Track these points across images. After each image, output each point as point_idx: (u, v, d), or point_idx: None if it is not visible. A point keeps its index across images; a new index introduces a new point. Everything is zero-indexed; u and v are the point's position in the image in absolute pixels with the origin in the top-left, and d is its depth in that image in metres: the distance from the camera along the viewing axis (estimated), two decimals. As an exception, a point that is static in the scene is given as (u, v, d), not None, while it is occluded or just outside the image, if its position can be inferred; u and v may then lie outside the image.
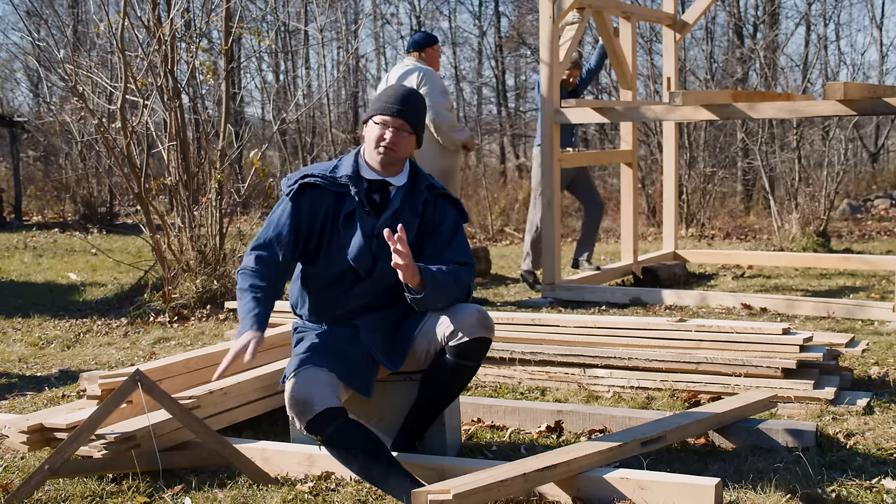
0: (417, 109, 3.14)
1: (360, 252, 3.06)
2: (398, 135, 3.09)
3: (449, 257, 3.11)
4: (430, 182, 3.20)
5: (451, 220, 3.19)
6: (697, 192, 12.46)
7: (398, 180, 3.15)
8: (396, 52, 32.42)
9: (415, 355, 3.12)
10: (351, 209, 3.08)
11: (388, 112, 3.09)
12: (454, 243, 3.15)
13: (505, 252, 9.95)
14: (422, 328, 3.09)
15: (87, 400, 3.43)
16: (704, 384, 3.90)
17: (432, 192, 3.19)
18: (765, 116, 6.01)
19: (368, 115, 3.16)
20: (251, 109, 20.86)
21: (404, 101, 3.11)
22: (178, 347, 5.36)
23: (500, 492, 2.65)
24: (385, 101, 3.12)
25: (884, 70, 18.52)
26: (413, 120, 3.11)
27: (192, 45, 7.17)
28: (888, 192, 15.51)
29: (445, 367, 3.02)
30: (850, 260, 7.43)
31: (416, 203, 3.14)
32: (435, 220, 3.16)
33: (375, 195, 3.13)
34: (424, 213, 3.15)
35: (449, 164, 6.65)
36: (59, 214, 15.88)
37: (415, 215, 3.12)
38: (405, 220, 3.09)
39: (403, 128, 3.09)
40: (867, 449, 3.26)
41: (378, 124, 3.10)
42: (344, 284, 3.12)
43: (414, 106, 3.13)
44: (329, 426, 2.82)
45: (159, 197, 10.37)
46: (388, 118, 3.09)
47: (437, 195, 3.20)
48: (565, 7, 6.43)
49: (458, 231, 3.19)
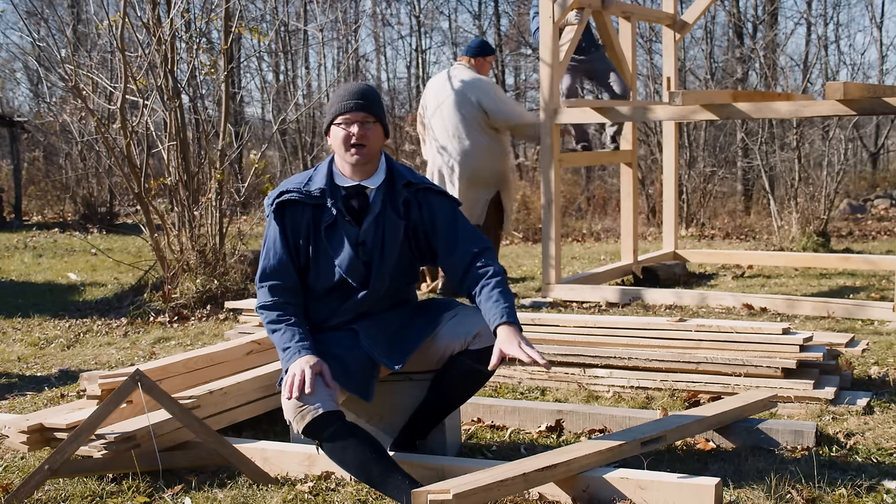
0: (375, 98, 3.05)
1: (350, 263, 3.02)
2: (364, 127, 3.00)
3: (466, 248, 3.04)
4: (407, 180, 3.09)
5: (445, 210, 3.10)
6: (697, 192, 12.46)
7: (374, 181, 3.07)
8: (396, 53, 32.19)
9: (430, 355, 3.09)
10: (331, 220, 3.02)
11: (346, 109, 3.01)
12: (461, 232, 3.08)
13: (505, 252, 9.95)
14: (439, 331, 3.06)
15: (87, 400, 3.43)
16: (704, 384, 3.89)
17: (412, 189, 3.09)
18: (765, 116, 6.01)
19: (328, 122, 3.06)
20: (251, 109, 20.89)
21: (359, 95, 3.03)
22: (178, 347, 5.36)
23: (500, 492, 2.65)
24: (340, 101, 3.03)
25: (884, 70, 18.53)
26: (374, 109, 3.03)
27: (192, 46, 7.17)
28: (888, 192, 15.52)
29: (460, 370, 3.00)
30: (850, 260, 7.43)
31: (396, 204, 3.07)
32: (425, 218, 3.09)
33: (353, 202, 3.06)
34: (409, 214, 3.08)
35: (503, 168, 6.71)
36: (59, 214, 15.89)
37: (398, 217, 3.06)
38: (388, 222, 3.04)
39: (367, 119, 3.01)
40: (867, 449, 3.26)
41: (340, 125, 3.01)
42: (339, 296, 3.08)
43: (371, 96, 3.04)
44: (326, 430, 2.81)
45: (159, 197, 10.37)
46: (348, 115, 3.01)
47: (418, 191, 3.10)
48: (565, 7, 6.43)
49: (458, 218, 3.11)
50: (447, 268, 3.09)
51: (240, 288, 6.63)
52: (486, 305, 2.92)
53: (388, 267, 3.07)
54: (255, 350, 3.84)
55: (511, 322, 2.85)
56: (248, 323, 4.76)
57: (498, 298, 2.91)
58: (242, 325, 4.79)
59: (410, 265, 3.17)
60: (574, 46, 6.76)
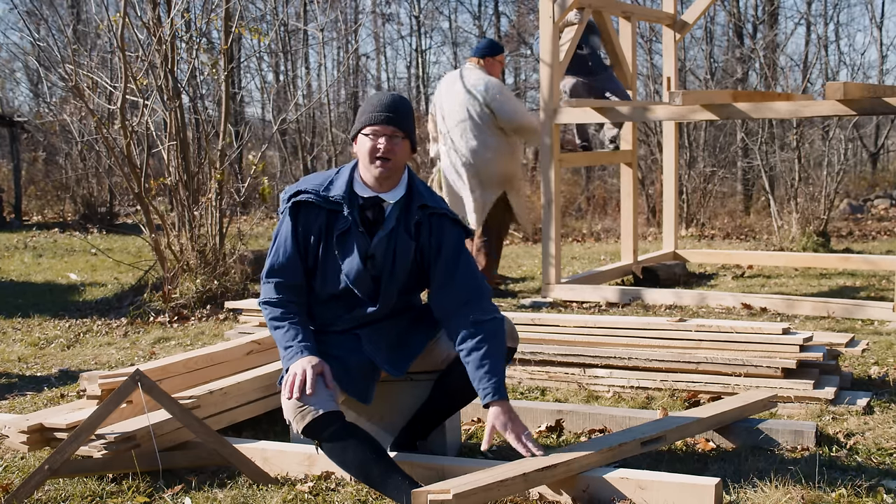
0: (407, 113, 3.02)
1: (357, 274, 3.00)
2: (392, 141, 2.97)
3: (461, 281, 3.00)
4: (424, 202, 3.04)
5: (452, 240, 3.05)
6: (697, 192, 12.46)
7: (394, 195, 3.03)
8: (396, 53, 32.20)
9: (434, 357, 3.10)
10: (345, 228, 3.00)
11: (377, 121, 2.96)
12: (460, 265, 3.03)
13: (505, 252, 9.93)
14: (442, 334, 3.07)
15: (87, 400, 3.43)
16: (704, 384, 3.89)
17: (426, 212, 3.04)
18: (765, 116, 6.01)
19: (356, 129, 3.02)
20: (251, 109, 20.89)
21: (391, 108, 2.98)
22: (178, 347, 5.36)
23: (500, 492, 2.65)
24: (371, 111, 2.99)
25: (884, 70, 18.53)
26: (404, 125, 2.99)
27: (192, 46, 7.17)
28: (888, 192, 15.52)
29: (464, 373, 2.98)
30: (850, 260, 7.43)
31: (409, 224, 3.03)
32: (433, 244, 3.03)
33: (369, 212, 3.03)
34: (419, 236, 3.04)
35: (511, 169, 6.69)
36: (59, 214, 15.89)
37: (409, 237, 3.03)
38: (400, 240, 3.01)
39: (396, 134, 2.97)
40: (867, 449, 3.26)
41: (368, 136, 2.97)
42: (344, 304, 3.06)
43: (402, 110, 3.00)
44: (326, 430, 2.81)
45: (159, 197, 10.37)
46: (377, 127, 2.96)
47: (432, 215, 3.04)
48: (565, 7, 6.43)
49: (462, 251, 3.06)
50: (436, 300, 3.04)
51: (240, 288, 6.64)
52: (476, 374, 2.88)
53: (397, 285, 3.06)
54: (255, 350, 3.85)
55: (502, 399, 2.85)
56: (248, 323, 4.76)
57: (489, 370, 2.87)
58: (242, 325, 4.79)
59: (418, 283, 3.14)
60: (574, 46, 6.76)
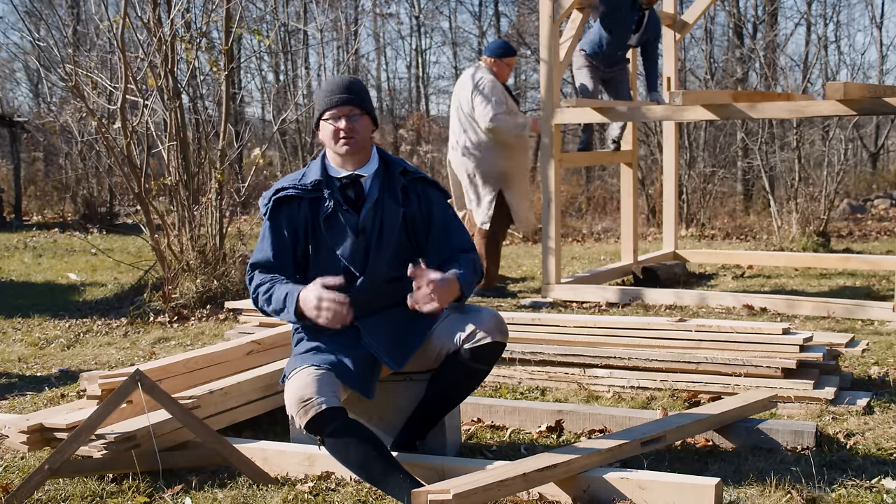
0: (361, 90, 3.10)
1: (352, 250, 3.06)
2: (352, 120, 3.05)
3: (455, 245, 3.12)
4: (403, 167, 3.15)
5: (439, 205, 3.17)
6: (697, 192, 12.46)
7: (368, 168, 3.12)
8: (396, 53, 32.23)
9: (427, 355, 3.11)
10: (329, 211, 3.06)
11: (334, 104, 3.05)
12: (451, 229, 3.15)
13: (505, 252, 9.94)
14: (436, 329, 3.08)
15: (87, 400, 3.43)
16: (704, 384, 3.90)
17: (408, 177, 3.15)
18: (765, 116, 6.01)
19: (316, 118, 3.12)
20: (251, 109, 20.88)
21: (345, 89, 3.07)
22: (178, 347, 5.36)
23: (500, 492, 2.65)
24: (327, 96, 3.08)
25: (884, 70, 18.55)
26: (360, 102, 3.07)
27: (192, 47, 7.17)
28: (888, 192, 15.52)
29: (457, 368, 3.01)
30: (850, 260, 7.43)
31: (395, 190, 3.12)
32: (422, 210, 3.14)
33: (350, 191, 3.11)
34: (408, 202, 3.13)
35: (507, 166, 6.68)
36: (59, 214, 15.89)
37: (397, 203, 3.11)
38: (387, 208, 3.08)
39: (353, 112, 3.06)
40: (867, 449, 3.26)
41: (328, 121, 3.06)
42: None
43: (356, 88, 3.08)
44: (329, 426, 2.81)
45: (159, 197, 10.37)
46: (335, 110, 3.05)
47: (414, 180, 3.15)
48: (565, 7, 6.43)
49: (450, 214, 3.18)
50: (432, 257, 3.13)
51: (240, 288, 6.63)
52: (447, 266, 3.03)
53: (386, 253, 3.09)
54: (255, 350, 3.84)
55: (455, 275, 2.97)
56: (248, 323, 4.76)
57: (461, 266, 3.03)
58: (242, 325, 4.79)
59: (408, 253, 3.16)
60: (574, 46, 6.76)
